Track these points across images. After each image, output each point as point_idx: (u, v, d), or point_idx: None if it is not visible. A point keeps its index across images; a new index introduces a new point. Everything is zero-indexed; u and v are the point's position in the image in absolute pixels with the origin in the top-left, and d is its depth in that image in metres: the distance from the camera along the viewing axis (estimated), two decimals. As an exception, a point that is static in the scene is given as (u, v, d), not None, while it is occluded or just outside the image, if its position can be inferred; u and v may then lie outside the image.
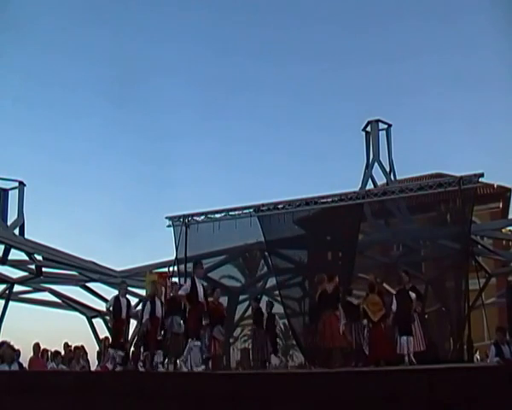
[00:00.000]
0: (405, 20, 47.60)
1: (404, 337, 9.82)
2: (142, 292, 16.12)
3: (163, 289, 13.61)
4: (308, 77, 50.75)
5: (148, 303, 10.82)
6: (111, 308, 11.34)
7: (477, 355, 14.95)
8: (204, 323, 10.06)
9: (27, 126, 48.93)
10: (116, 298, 11.34)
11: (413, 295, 10.15)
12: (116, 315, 11.22)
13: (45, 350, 13.62)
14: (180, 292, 9.76)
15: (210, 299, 10.57)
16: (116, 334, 11.48)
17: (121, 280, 13.85)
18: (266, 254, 14.84)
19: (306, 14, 49.59)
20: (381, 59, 50.26)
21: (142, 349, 11.20)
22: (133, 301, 19.64)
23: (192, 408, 7.82)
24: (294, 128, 55.52)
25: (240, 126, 53.51)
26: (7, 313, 17.71)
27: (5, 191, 18.26)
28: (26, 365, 12.59)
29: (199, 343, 9.52)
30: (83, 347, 14.75)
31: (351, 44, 52.31)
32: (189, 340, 9.36)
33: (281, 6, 49.04)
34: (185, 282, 14.62)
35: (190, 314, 9.49)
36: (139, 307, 19.27)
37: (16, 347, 11.57)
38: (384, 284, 12.42)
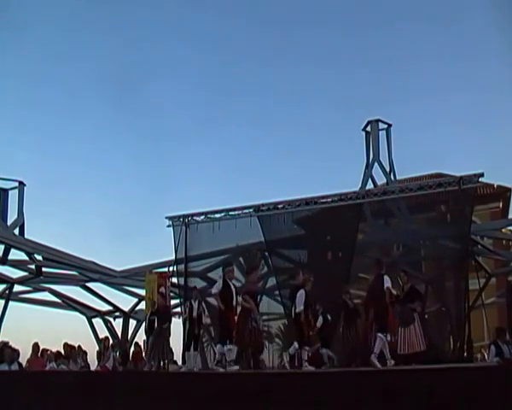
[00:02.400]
0: (405, 21, 47.62)
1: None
2: (142, 292, 16.11)
3: (163, 288, 13.64)
4: (308, 77, 50.78)
5: (302, 290, 9.45)
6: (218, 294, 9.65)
7: (484, 352, 14.96)
8: None
9: (28, 128, 49.00)
10: (225, 283, 9.59)
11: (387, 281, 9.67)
12: (227, 303, 9.48)
13: (45, 350, 13.62)
14: (387, 285, 9.60)
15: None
16: (227, 325, 9.58)
17: (224, 262, 11.97)
18: (266, 254, 14.81)
19: (307, 15, 49.64)
20: (381, 59, 50.29)
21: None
22: (133, 300, 19.87)
23: (192, 408, 7.82)
24: (294, 128, 55.56)
25: (239, 126, 53.54)
26: (7, 313, 17.72)
27: (5, 191, 18.25)
28: (25, 365, 12.63)
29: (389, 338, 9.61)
30: (80, 347, 14.71)
31: (351, 45, 52.38)
32: (383, 334, 9.35)
33: (281, 8, 49.10)
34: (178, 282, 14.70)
35: (388, 308, 9.58)
36: (139, 307, 19.46)
37: (16, 347, 11.60)
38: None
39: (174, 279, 15.06)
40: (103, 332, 19.70)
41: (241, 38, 52.26)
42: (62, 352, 13.97)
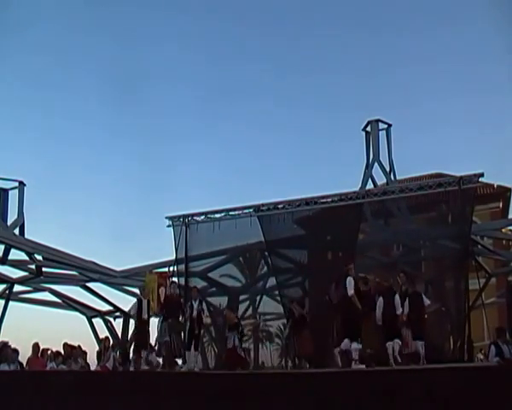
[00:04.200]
0: (406, 22, 47.64)
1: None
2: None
3: (162, 288, 13.62)
4: (308, 78, 50.78)
5: (398, 295, 10.36)
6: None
7: (480, 355, 14.95)
8: None
9: (28, 128, 49.04)
10: (355, 282, 10.24)
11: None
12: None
13: (45, 350, 13.60)
14: (428, 303, 10.53)
15: None
16: (359, 323, 10.13)
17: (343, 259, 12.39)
18: (266, 254, 14.80)
19: (306, 17, 49.67)
20: (381, 60, 50.31)
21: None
22: (133, 300, 19.78)
23: (192, 408, 7.82)
24: (294, 129, 55.56)
25: (239, 127, 53.55)
26: (7, 313, 17.70)
27: (5, 191, 18.26)
28: (25, 364, 12.62)
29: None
30: (80, 347, 14.67)
31: (352, 46, 52.36)
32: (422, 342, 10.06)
33: (281, 11, 49.14)
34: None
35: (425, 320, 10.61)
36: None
37: (16, 347, 11.59)
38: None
39: (174, 279, 15.05)
40: (103, 332, 19.66)
41: (241, 39, 52.34)
42: (62, 352, 13.93)
